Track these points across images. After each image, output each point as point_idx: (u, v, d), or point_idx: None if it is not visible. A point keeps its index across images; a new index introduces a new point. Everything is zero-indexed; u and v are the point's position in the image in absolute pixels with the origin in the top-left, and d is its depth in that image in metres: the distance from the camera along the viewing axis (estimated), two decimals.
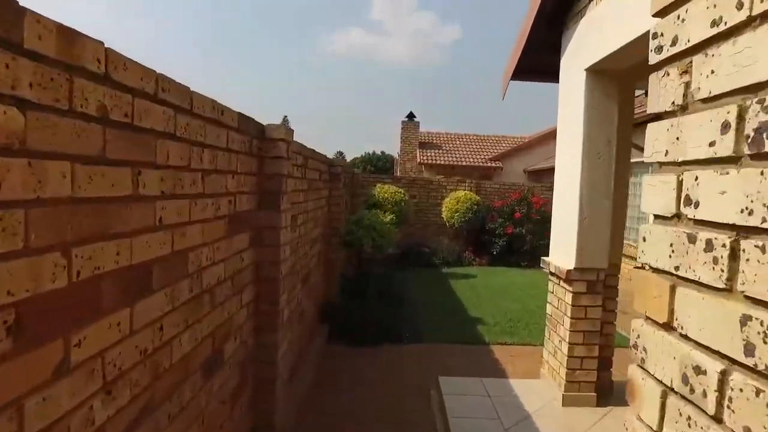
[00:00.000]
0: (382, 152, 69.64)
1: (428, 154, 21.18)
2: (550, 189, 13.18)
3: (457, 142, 22.58)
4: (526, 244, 11.21)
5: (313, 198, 4.77)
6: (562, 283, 3.90)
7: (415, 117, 23.12)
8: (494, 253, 11.44)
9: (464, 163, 20.29)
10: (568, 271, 3.71)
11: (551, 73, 4.70)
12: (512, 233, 11.23)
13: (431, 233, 12.21)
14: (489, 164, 20.26)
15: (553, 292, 4.11)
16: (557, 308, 3.99)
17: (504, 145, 22.07)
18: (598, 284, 3.76)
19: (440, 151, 21.53)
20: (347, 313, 5.72)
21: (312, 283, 5.10)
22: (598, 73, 3.59)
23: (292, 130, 2.95)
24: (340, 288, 7.10)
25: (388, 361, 4.98)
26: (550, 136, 20.05)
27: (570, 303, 3.74)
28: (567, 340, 3.77)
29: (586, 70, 3.59)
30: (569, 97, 3.87)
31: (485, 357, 5.17)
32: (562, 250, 3.94)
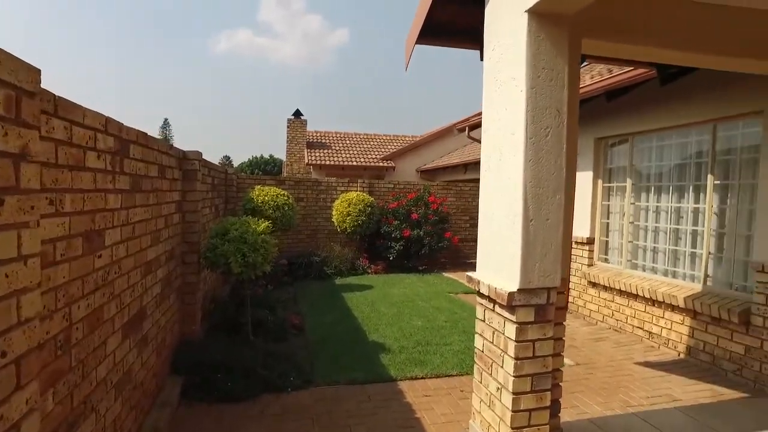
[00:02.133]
0: (271, 156, 66.74)
1: (317, 154, 19.86)
2: (446, 188, 12.72)
3: (347, 142, 21.52)
4: (425, 247, 10.39)
5: (145, 203, 3.26)
6: (498, 309, 2.84)
7: (302, 115, 21.68)
8: (390, 258, 10.47)
9: (355, 163, 19.27)
10: (510, 295, 2.65)
11: (471, 34, 3.67)
12: (410, 236, 10.34)
13: (321, 240, 10.93)
14: (381, 164, 19.46)
15: (484, 320, 3.05)
16: (493, 343, 2.93)
17: (395, 144, 21.46)
18: (549, 309, 2.75)
19: (329, 151, 20.31)
20: (210, 357, 4.23)
21: (154, 324, 3.56)
22: (543, 16, 2.58)
23: (39, 70, 1.50)
24: (208, 319, 5.55)
25: (266, 428, 3.60)
26: (442, 134, 19.79)
27: (513, 338, 2.69)
28: (510, 388, 2.72)
29: (528, 11, 2.56)
30: (503, 56, 2.83)
31: (393, 402, 4.00)
32: (497, 265, 2.89)
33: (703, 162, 5.30)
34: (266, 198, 8.29)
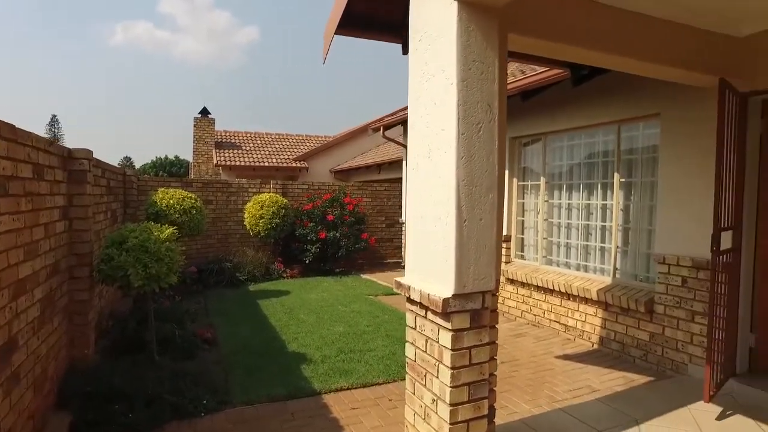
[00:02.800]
0: (177, 157, 62.76)
1: (226, 154, 18.89)
2: (361, 188, 12.57)
3: (259, 142, 20.71)
4: (342, 249, 10.16)
5: (15, 210, 2.72)
6: (431, 316, 2.68)
7: (209, 113, 20.54)
8: (307, 261, 10.12)
9: (267, 164, 18.58)
10: (445, 301, 2.50)
11: (392, 26, 3.49)
12: (326, 238, 10.06)
13: (234, 244, 10.31)
14: (294, 164, 18.93)
15: (416, 328, 2.88)
16: (426, 352, 2.77)
17: (309, 144, 21.00)
18: (485, 314, 2.64)
19: (240, 152, 19.41)
20: (106, 385, 3.69)
21: (30, 355, 2.99)
22: (473, 6, 2.45)
23: None
24: (106, 339, 4.91)
25: None
26: (356, 134, 19.65)
27: (449, 346, 2.54)
28: (447, 400, 2.56)
29: (458, 0, 2.41)
30: (430, 47, 2.67)
31: (319, 418, 3.72)
32: (429, 269, 2.73)
33: (609, 161, 5.57)
34: (171, 201, 7.60)
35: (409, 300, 2.90)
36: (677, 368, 4.61)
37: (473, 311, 2.58)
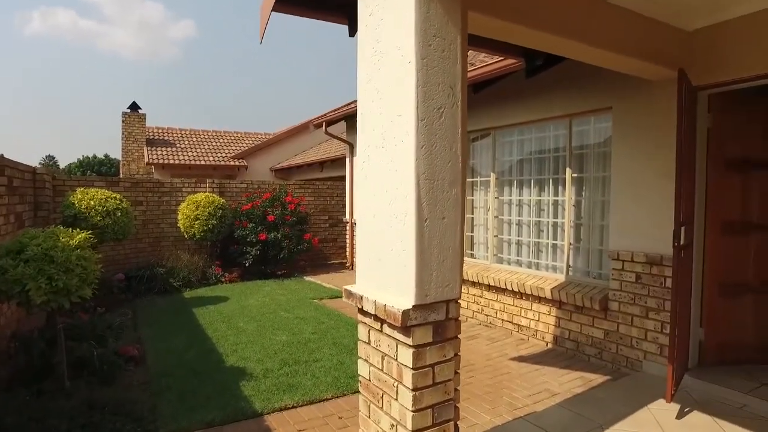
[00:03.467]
0: (107, 156, 58.90)
1: (159, 152, 17.75)
2: (303, 187, 12.03)
3: (194, 139, 19.63)
4: (283, 250, 9.65)
5: None
6: (388, 330, 2.34)
7: (139, 108, 19.23)
8: (247, 264, 9.55)
9: (203, 162, 17.63)
10: (404, 314, 2.16)
11: (339, 3, 3.12)
12: (267, 239, 9.52)
13: (167, 248, 9.55)
14: (232, 163, 18.07)
15: (369, 343, 2.53)
16: (383, 371, 2.42)
17: (247, 142, 20.15)
18: (449, 325, 2.33)
19: (174, 149, 18.30)
20: None
21: None
22: None
23: None
24: (8, 364, 4.24)
25: None
26: (297, 131, 19.04)
27: (410, 365, 2.21)
28: (408, 426, 2.23)
29: None
30: (384, 21, 2.32)
31: None
32: (384, 276, 2.39)
33: (561, 156, 5.46)
34: (92, 203, 6.84)
35: (362, 311, 2.55)
36: (632, 365, 4.54)
37: (436, 323, 2.27)
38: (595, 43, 3.29)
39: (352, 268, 10.80)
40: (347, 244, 11.10)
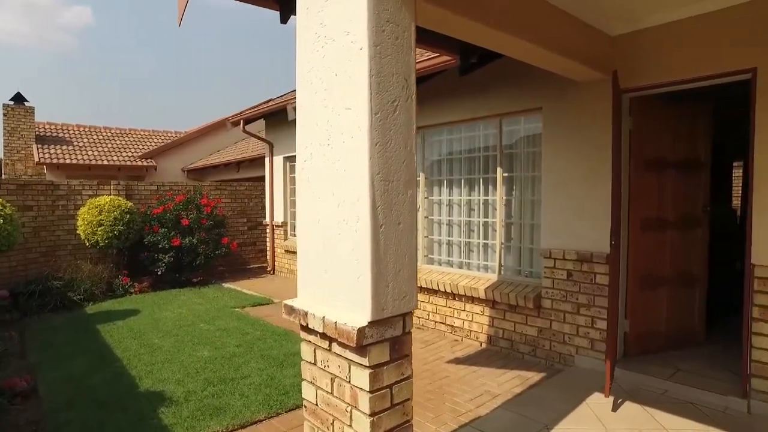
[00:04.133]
0: None
1: (52, 151, 15.98)
2: (219, 188, 11.30)
3: (95, 137, 17.91)
4: (200, 256, 8.99)
5: None
6: (339, 349, 2.09)
7: (26, 101, 17.19)
8: (159, 273, 8.78)
9: (106, 162, 16.13)
10: (360, 332, 1.93)
11: None
12: (181, 245, 8.81)
13: (64, 258, 8.53)
14: (139, 163, 16.71)
15: (316, 364, 2.27)
16: (333, 395, 2.17)
17: (156, 140, 18.75)
18: (406, 340, 2.13)
19: (71, 148, 16.57)
20: None
21: None
22: None
23: None
24: None
25: None
26: (212, 129, 18.04)
27: (366, 388, 1.98)
28: None
29: None
30: (329, 4, 2.07)
31: None
32: (333, 290, 2.13)
33: (491, 155, 5.48)
34: None
35: (306, 329, 2.27)
36: (565, 361, 4.63)
37: (393, 339, 2.05)
38: (535, 41, 3.26)
39: (274, 273, 10.33)
40: (268, 248, 10.60)
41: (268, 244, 10.64)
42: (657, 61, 4.02)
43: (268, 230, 10.58)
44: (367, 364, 1.96)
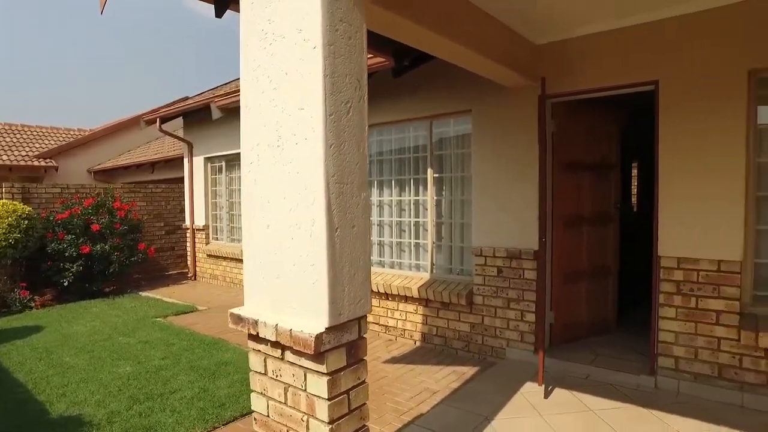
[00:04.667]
0: None
1: None
2: (133, 191, 10.57)
3: None
4: (113, 264, 8.36)
5: None
6: (291, 357, 2.03)
7: None
8: (65, 283, 8.03)
9: None
10: (318, 338, 1.88)
11: None
12: (91, 253, 8.13)
13: None
14: (36, 163, 15.19)
15: (267, 374, 2.18)
16: (287, 405, 2.10)
17: (57, 138, 17.13)
18: (362, 344, 2.10)
19: None
20: None
21: None
22: None
23: None
24: None
25: None
26: (123, 127, 16.85)
27: (324, 395, 1.93)
28: None
29: None
30: (278, 3, 1.99)
31: None
32: (286, 296, 2.06)
33: (421, 156, 5.58)
34: None
35: (255, 338, 2.18)
36: (497, 354, 4.83)
37: (349, 344, 2.03)
38: (470, 45, 3.37)
39: (195, 278, 9.85)
40: (189, 253, 10.07)
41: (188, 248, 10.12)
42: (577, 70, 4.30)
43: (188, 234, 10.06)
44: (325, 371, 1.92)
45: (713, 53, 3.70)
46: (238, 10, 2.26)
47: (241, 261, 8.43)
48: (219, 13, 2.89)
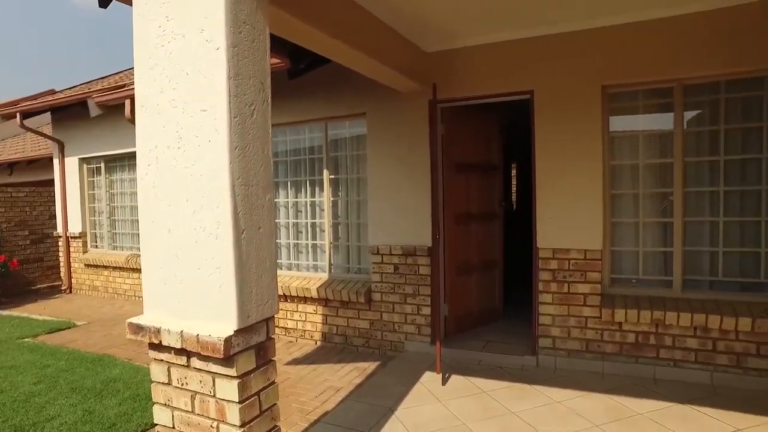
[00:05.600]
0: None
1: None
2: None
3: None
4: None
5: None
6: (198, 363, 1.99)
7: None
8: None
9: None
10: (227, 341, 1.87)
11: None
12: None
13: None
14: None
15: (171, 383, 2.10)
16: (195, 413, 2.04)
17: None
18: (270, 345, 2.11)
19: None
20: None
21: None
22: None
23: None
24: None
25: None
26: None
27: (235, 399, 1.92)
28: None
29: None
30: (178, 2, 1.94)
31: None
32: (190, 302, 2.01)
33: (317, 158, 5.63)
34: None
35: (157, 347, 2.09)
36: (396, 347, 5.03)
37: (258, 346, 2.03)
38: (367, 51, 3.51)
39: (71, 291, 8.93)
40: (62, 263, 9.09)
41: (62, 258, 9.12)
42: (462, 78, 4.63)
43: (61, 243, 9.07)
44: (235, 374, 1.91)
45: (576, 69, 4.21)
46: (127, 2, 2.15)
47: (126, 270, 7.84)
48: (103, 4, 2.70)
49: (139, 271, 7.17)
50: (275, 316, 5.45)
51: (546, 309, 4.42)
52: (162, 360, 2.10)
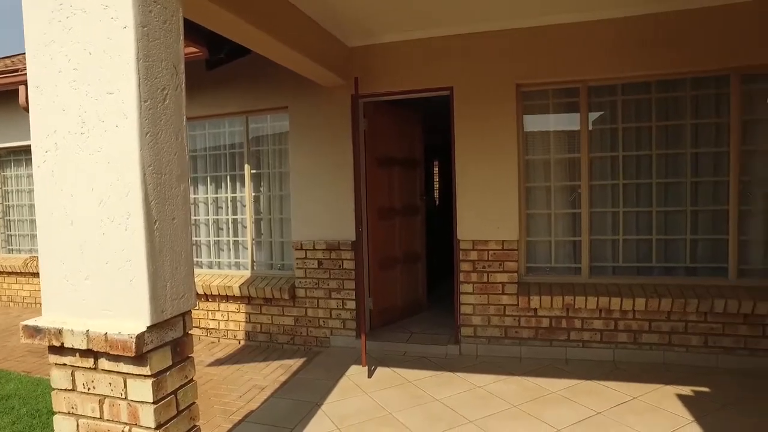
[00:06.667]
0: None
1: None
2: None
3: None
4: None
5: None
6: (107, 364, 1.85)
7: None
8: None
9: None
10: (139, 339, 1.76)
11: None
12: None
13: None
14: None
15: (76, 389, 1.94)
16: (103, 419, 1.90)
17: None
18: (187, 341, 2.01)
19: None
20: None
21: None
22: None
23: None
24: None
25: None
26: None
27: (149, 399, 1.81)
28: None
29: None
30: None
31: None
32: (97, 299, 1.87)
33: (238, 152, 5.45)
34: None
35: (59, 350, 1.93)
36: (321, 343, 5.00)
37: (174, 342, 1.93)
38: (288, 42, 3.45)
39: None
40: None
41: None
42: (384, 73, 4.68)
43: None
44: (149, 373, 1.80)
45: (493, 68, 4.40)
46: None
47: (24, 275, 7.15)
48: None
49: (39, 275, 6.58)
50: (197, 315, 5.27)
51: (467, 299, 4.58)
52: (65, 364, 1.94)
